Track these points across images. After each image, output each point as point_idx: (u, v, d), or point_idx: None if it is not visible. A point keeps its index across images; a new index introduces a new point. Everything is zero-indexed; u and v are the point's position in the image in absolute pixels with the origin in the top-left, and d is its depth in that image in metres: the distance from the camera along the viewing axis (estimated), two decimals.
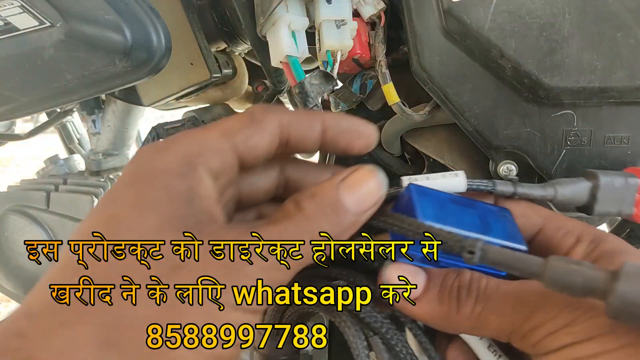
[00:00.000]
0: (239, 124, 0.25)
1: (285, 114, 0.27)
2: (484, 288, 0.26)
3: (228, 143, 0.25)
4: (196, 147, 0.24)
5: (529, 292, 0.25)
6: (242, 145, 0.25)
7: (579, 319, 0.23)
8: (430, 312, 0.27)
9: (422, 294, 0.27)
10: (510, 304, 0.24)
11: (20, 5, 0.39)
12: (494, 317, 0.25)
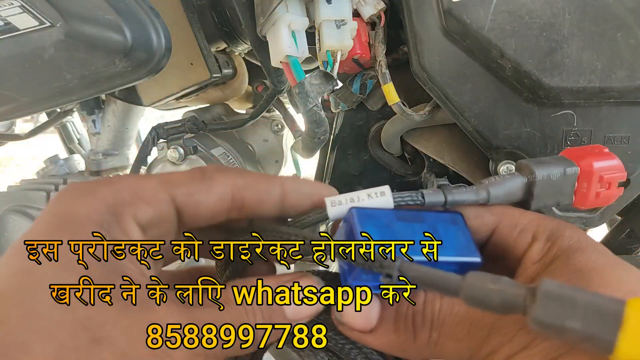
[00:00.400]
0: (185, 178, 0.24)
1: (241, 177, 0.25)
2: (437, 312, 0.25)
3: (166, 193, 0.23)
4: (127, 194, 0.22)
5: (482, 315, 0.23)
6: (183, 199, 0.23)
7: (536, 340, 0.22)
8: (387, 342, 0.26)
9: (377, 325, 0.26)
10: (465, 328, 0.24)
11: (20, 5, 0.39)
12: (451, 343, 0.24)
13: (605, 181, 0.30)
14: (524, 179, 0.28)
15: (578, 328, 0.18)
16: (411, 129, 0.52)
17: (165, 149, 0.69)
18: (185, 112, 0.77)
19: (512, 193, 0.28)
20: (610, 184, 0.31)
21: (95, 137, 0.85)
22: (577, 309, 0.18)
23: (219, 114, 0.81)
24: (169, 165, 0.70)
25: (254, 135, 0.84)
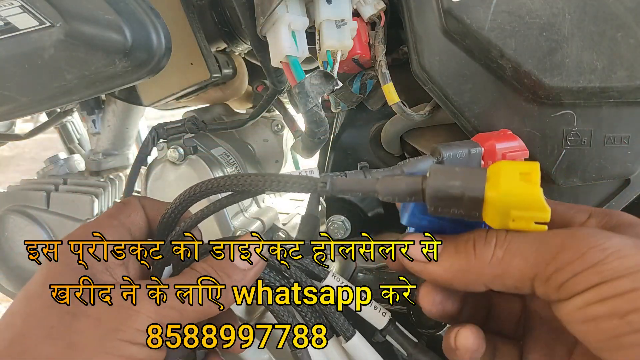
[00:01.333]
0: (116, 209, 0.34)
1: (142, 199, 0.35)
2: (503, 236, 0.25)
3: (116, 221, 0.32)
4: (95, 228, 0.31)
5: (552, 235, 0.24)
6: (127, 221, 0.33)
7: (607, 258, 0.22)
8: (449, 266, 0.26)
9: (439, 252, 0.27)
10: (534, 247, 0.24)
11: (20, 5, 0.39)
12: (517, 260, 0.24)
13: (508, 159, 0.36)
14: (433, 159, 0.31)
15: (459, 185, 0.25)
16: (411, 129, 0.52)
17: (165, 149, 0.69)
18: (185, 112, 0.77)
19: (424, 171, 0.31)
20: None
21: (95, 137, 0.85)
22: (457, 175, 0.25)
23: (219, 114, 0.81)
24: (168, 165, 0.70)
25: (254, 135, 0.84)
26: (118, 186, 0.84)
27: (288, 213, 0.86)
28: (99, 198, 0.78)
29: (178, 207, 0.32)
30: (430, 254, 0.27)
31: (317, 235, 0.58)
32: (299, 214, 0.85)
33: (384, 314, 0.35)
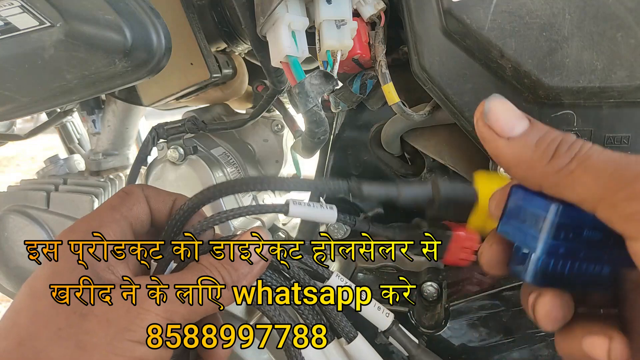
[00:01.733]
0: (118, 199, 0.32)
1: (146, 188, 0.34)
2: (586, 150, 0.23)
3: (118, 214, 0.31)
4: (95, 221, 0.30)
5: (635, 161, 0.22)
6: (129, 215, 0.32)
7: None
8: (519, 154, 0.25)
9: (519, 135, 0.25)
10: (610, 169, 0.22)
11: (20, 5, 0.39)
12: (588, 178, 0.23)
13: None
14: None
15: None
16: (411, 129, 0.52)
17: (165, 149, 0.69)
18: (185, 112, 0.77)
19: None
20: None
21: (95, 137, 0.85)
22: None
23: (219, 114, 0.81)
24: (168, 165, 0.70)
25: (254, 135, 0.84)
26: (118, 186, 0.84)
27: None
28: (99, 198, 0.78)
29: (191, 207, 0.32)
30: (510, 128, 0.25)
31: (317, 235, 0.58)
32: None
33: (387, 315, 0.35)
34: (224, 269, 0.29)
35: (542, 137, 0.25)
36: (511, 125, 0.25)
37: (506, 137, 0.25)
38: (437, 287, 0.50)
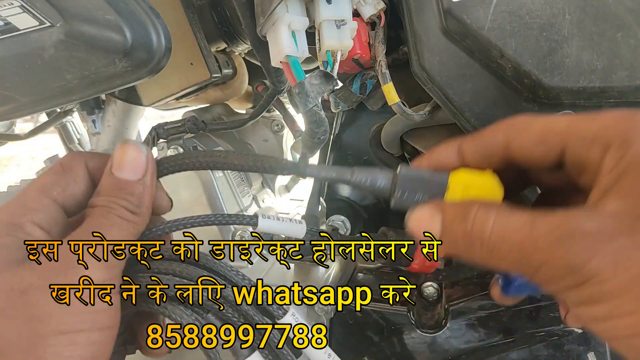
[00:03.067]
0: (52, 177, 0.30)
1: (91, 159, 0.31)
2: (488, 235, 0.25)
3: (47, 199, 0.29)
4: (19, 210, 0.28)
5: (534, 243, 0.23)
6: (61, 197, 0.29)
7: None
8: (451, 251, 0.27)
9: (442, 235, 0.27)
10: (516, 254, 0.24)
11: (20, 5, 0.39)
12: (504, 263, 0.24)
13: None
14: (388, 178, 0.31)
15: (423, 197, 0.29)
16: (411, 129, 0.52)
17: (165, 149, 0.69)
18: (185, 112, 0.77)
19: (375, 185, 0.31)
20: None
21: (95, 137, 0.84)
22: (422, 183, 0.29)
23: (219, 114, 0.81)
24: None
25: (254, 135, 0.84)
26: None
27: (288, 213, 0.86)
28: None
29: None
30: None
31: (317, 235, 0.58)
32: (299, 214, 0.85)
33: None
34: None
35: (452, 237, 0.27)
36: (429, 229, 0.28)
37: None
38: (437, 287, 0.50)
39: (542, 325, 0.46)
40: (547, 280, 0.23)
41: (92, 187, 0.31)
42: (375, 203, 0.61)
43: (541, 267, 0.23)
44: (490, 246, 0.25)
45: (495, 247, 0.24)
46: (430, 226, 0.27)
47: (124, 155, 0.30)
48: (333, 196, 0.61)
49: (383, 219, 0.60)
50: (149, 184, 0.30)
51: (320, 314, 0.50)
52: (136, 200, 0.29)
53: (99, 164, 0.31)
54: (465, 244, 0.26)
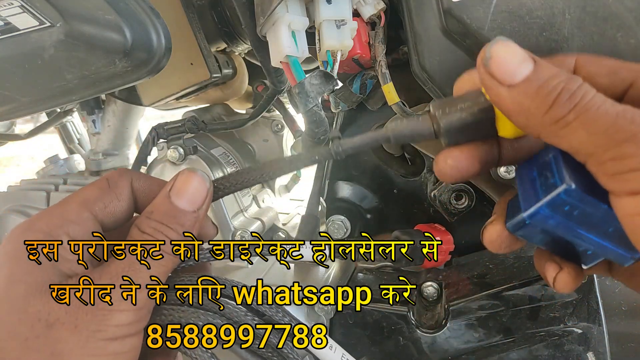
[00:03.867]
0: (96, 192, 0.29)
1: (137, 180, 0.31)
2: (588, 98, 0.23)
3: (87, 213, 0.28)
4: (57, 221, 0.28)
5: (631, 120, 0.22)
6: (101, 213, 0.29)
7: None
8: (519, 102, 0.24)
9: (520, 82, 0.24)
10: (605, 126, 0.22)
11: (20, 5, 0.39)
12: (582, 132, 0.22)
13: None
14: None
15: (467, 107, 0.26)
16: None
17: (165, 149, 0.69)
18: (185, 112, 0.77)
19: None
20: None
21: (95, 137, 0.85)
22: (460, 101, 0.27)
23: (219, 114, 0.81)
24: (168, 165, 0.70)
25: (254, 135, 0.85)
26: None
27: (288, 213, 0.86)
28: None
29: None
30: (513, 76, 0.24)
31: (317, 235, 0.58)
32: (299, 214, 0.85)
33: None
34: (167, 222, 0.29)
35: (542, 85, 0.24)
36: (512, 71, 0.24)
37: (507, 85, 0.24)
38: (437, 287, 0.50)
39: (542, 325, 0.46)
40: (625, 154, 0.21)
41: (133, 206, 0.31)
42: (376, 203, 0.61)
43: (631, 139, 0.21)
44: (582, 109, 0.22)
45: (588, 110, 0.22)
46: (517, 69, 0.24)
47: (186, 184, 0.29)
48: (333, 196, 0.61)
49: (383, 219, 0.61)
50: (202, 216, 0.30)
51: (320, 314, 0.50)
52: (183, 230, 0.29)
53: (144, 185, 0.31)
54: (546, 99, 0.23)
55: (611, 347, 0.44)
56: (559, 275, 0.28)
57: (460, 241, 0.54)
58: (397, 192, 0.59)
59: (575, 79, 0.24)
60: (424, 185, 0.56)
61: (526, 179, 0.27)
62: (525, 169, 0.28)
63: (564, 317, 0.45)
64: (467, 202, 0.52)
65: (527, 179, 0.27)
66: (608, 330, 0.44)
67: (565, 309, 0.45)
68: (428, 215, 0.58)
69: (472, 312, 0.47)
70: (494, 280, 0.48)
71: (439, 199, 0.52)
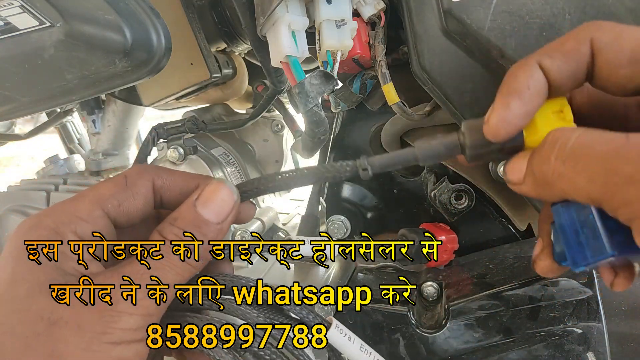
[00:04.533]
0: (111, 189, 0.28)
1: (158, 177, 0.30)
2: (570, 146, 0.22)
3: (99, 210, 0.28)
4: (66, 218, 0.27)
5: (624, 160, 0.20)
6: (114, 210, 0.28)
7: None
8: (530, 191, 0.26)
9: (523, 179, 0.27)
10: (602, 166, 0.21)
11: (20, 5, 0.39)
12: (582, 180, 0.22)
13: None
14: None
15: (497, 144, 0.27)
16: (411, 129, 0.52)
17: (165, 149, 0.69)
18: (185, 112, 0.77)
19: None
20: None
21: (95, 137, 0.85)
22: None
23: (219, 114, 0.81)
24: (168, 165, 0.70)
25: (254, 135, 0.85)
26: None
27: (288, 213, 0.86)
28: None
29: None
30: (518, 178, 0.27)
31: (317, 235, 0.58)
32: (299, 214, 0.85)
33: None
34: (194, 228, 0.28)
35: (530, 173, 0.25)
36: (516, 176, 0.27)
37: (519, 183, 0.27)
38: (437, 287, 0.50)
39: (542, 325, 0.45)
40: (631, 199, 0.20)
41: (152, 202, 0.30)
42: (376, 203, 0.61)
43: (631, 182, 0.20)
44: (569, 155, 0.22)
45: (575, 156, 0.22)
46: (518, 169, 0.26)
47: (214, 194, 0.29)
48: (333, 196, 0.61)
49: (383, 219, 0.61)
50: (225, 229, 0.29)
51: (320, 314, 0.50)
52: (207, 244, 0.28)
53: (168, 181, 0.30)
54: (539, 159, 0.24)
55: (611, 347, 0.44)
56: (615, 280, 0.28)
57: (460, 241, 0.54)
58: (397, 192, 0.59)
59: (553, 132, 0.24)
60: (424, 185, 0.56)
61: (567, 226, 0.26)
62: (565, 213, 0.26)
63: (564, 317, 0.45)
64: (467, 202, 0.52)
65: (568, 227, 0.26)
66: (608, 330, 0.44)
67: (565, 309, 0.45)
68: (428, 215, 0.58)
69: (472, 312, 0.47)
70: (494, 280, 0.48)
71: (439, 199, 0.52)
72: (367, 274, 0.57)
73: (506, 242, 0.55)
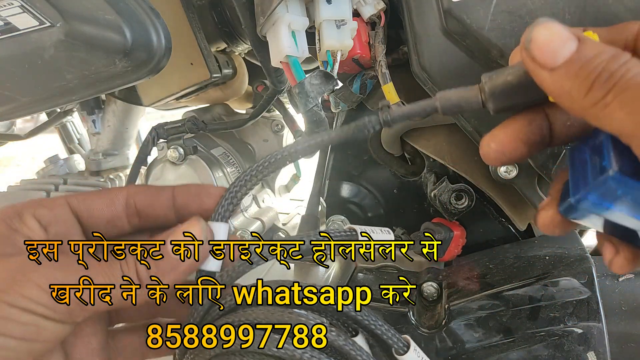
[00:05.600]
0: (86, 193, 0.31)
1: (134, 186, 0.32)
2: (625, 80, 0.22)
3: (62, 199, 0.30)
4: (31, 202, 0.29)
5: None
6: (78, 203, 0.30)
7: None
8: (559, 86, 0.24)
9: (561, 65, 0.23)
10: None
11: (20, 5, 0.39)
12: (621, 113, 0.21)
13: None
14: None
15: (515, 71, 0.25)
16: (411, 129, 0.52)
17: (165, 149, 0.69)
18: (185, 112, 0.77)
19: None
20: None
21: (95, 137, 0.85)
22: (512, 68, 0.26)
23: (219, 114, 0.81)
24: (168, 165, 0.70)
25: (254, 135, 0.84)
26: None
27: (288, 213, 0.86)
28: None
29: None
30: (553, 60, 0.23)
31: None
32: (299, 214, 0.85)
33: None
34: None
35: (583, 66, 0.23)
36: (553, 54, 0.23)
37: (548, 69, 0.24)
38: (437, 287, 0.50)
39: (542, 325, 0.45)
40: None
41: (121, 214, 0.31)
42: (376, 203, 0.61)
43: None
44: (620, 90, 0.21)
45: (624, 91, 0.21)
46: (558, 52, 0.23)
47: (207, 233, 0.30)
48: (333, 196, 0.61)
49: (383, 219, 0.61)
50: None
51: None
52: (207, 244, 0.30)
53: (140, 191, 0.32)
54: (585, 80, 0.22)
55: (611, 347, 0.44)
56: (615, 258, 0.27)
57: None
58: (397, 192, 0.59)
59: (620, 56, 0.22)
60: (424, 185, 0.56)
61: (578, 161, 0.26)
62: (578, 150, 0.26)
63: (564, 317, 0.45)
64: (467, 202, 0.52)
65: (578, 161, 0.25)
66: (608, 330, 0.44)
67: (565, 309, 0.45)
68: (428, 215, 0.58)
69: (472, 312, 0.47)
70: (494, 280, 0.48)
71: (439, 199, 0.52)
72: (367, 274, 0.57)
73: (506, 242, 0.55)
